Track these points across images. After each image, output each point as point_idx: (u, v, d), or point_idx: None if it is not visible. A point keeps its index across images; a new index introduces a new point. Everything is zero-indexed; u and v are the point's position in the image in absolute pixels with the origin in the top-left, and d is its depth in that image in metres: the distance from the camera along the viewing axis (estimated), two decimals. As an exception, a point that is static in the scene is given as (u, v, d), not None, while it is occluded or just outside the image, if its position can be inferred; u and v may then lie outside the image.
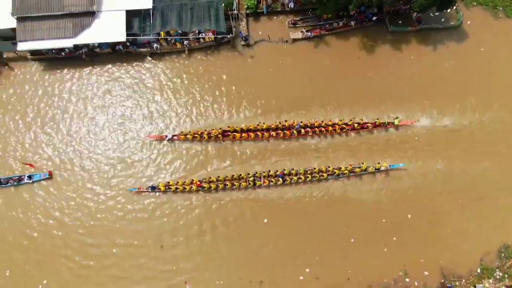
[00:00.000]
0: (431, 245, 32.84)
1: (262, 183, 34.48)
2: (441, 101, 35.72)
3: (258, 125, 35.92)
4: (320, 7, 38.13)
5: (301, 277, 31.75)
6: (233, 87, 37.03)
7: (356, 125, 35.56)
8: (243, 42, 39.12)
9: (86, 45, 38.03)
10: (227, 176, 34.94)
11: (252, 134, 35.86)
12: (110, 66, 38.82)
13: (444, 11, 38.03)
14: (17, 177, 35.69)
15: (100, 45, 38.17)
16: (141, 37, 37.87)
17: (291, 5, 40.07)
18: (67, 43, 37.34)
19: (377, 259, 32.35)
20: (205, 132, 35.83)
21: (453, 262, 32.73)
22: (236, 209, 33.73)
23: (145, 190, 35.03)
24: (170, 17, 37.73)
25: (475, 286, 31.92)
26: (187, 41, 38.34)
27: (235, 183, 34.55)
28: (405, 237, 32.70)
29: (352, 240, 32.48)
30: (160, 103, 37.50)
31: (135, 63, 38.81)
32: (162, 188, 34.71)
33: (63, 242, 33.73)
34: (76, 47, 38.13)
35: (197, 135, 36.02)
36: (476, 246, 33.04)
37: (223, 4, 38.42)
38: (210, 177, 34.77)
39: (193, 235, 33.22)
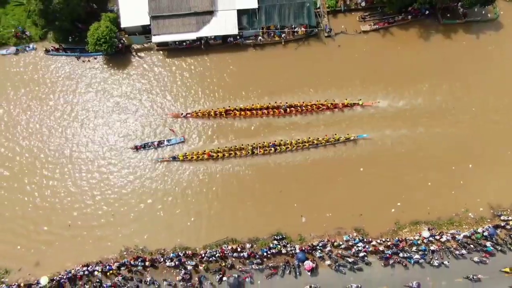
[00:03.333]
0: (484, 187, 42.98)
1: (258, 152, 43.97)
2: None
3: (253, 105, 45.19)
4: (388, 5, 48.25)
5: (393, 210, 41.97)
6: (327, 70, 46.92)
7: (330, 104, 45.11)
8: (326, 34, 49.02)
9: (203, 38, 47.64)
10: (231, 147, 44.35)
11: (248, 112, 45.32)
12: (222, 55, 48.43)
13: (486, 6, 48.20)
14: (157, 142, 45.42)
15: (215, 37, 47.79)
16: (250, 30, 47.56)
17: (363, 3, 50.07)
18: (191, 36, 47.01)
19: (447, 199, 42.25)
20: (212, 111, 45.21)
21: (499, 199, 42.80)
22: (337, 163, 43.95)
23: (168, 159, 44.30)
24: (272, 14, 47.61)
25: (518, 213, 42.20)
26: (284, 34, 48.16)
27: (237, 153, 43.99)
28: (469, 182, 42.66)
29: (429, 183, 42.65)
30: (264, 84, 47.20)
31: (242, 52, 48.43)
32: (181, 158, 43.95)
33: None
34: (194, 40, 47.76)
35: (205, 113, 45.39)
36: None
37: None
38: (218, 148, 44.26)
39: (308, 184, 43.08)
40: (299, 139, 44.30)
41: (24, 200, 43.84)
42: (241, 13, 47.33)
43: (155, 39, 46.99)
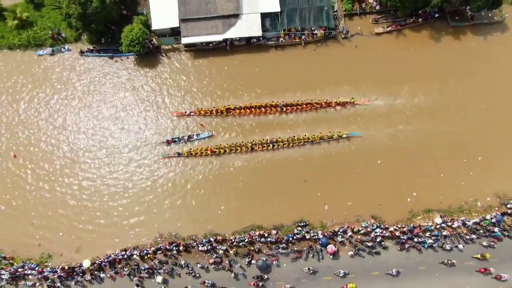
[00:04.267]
0: (492, 178, 46.21)
1: (257, 148, 47.34)
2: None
3: (251, 104, 48.44)
4: (401, 8, 51.53)
5: (408, 199, 45.34)
6: (345, 69, 50.34)
7: (323, 103, 48.49)
8: (343, 36, 52.35)
9: (229, 39, 50.89)
10: (232, 143, 47.67)
11: (248, 111, 48.63)
12: (246, 55, 51.72)
13: (493, 9, 51.50)
14: (187, 136, 48.70)
15: (239, 38, 51.05)
16: (272, 32, 50.88)
17: (377, 7, 53.43)
18: (218, 37, 50.32)
19: (458, 189, 45.58)
20: (214, 109, 48.62)
21: (506, 189, 46.04)
22: (357, 156, 47.29)
23: (173, 155, 47.60)
24: (294, 17, 50.93)
25: (524, 201, 45.62)
26: (304, 36, 51.49)
27: (238, 148, 47.36)
28: (478, 173, 45.99)
29: (442, 175, 46.03)
30: (286, 81, 50.55)
31: (265, 52, 51.73)
32: (185, 154, 47.27)
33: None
34: (220, 41, 51.03)
35: (208, 111, 48.73)
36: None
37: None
38: (220, 145, 47.70)
39: (332, 175, 46.57)
40: (294, 136, 47.67)
41: (65, 193, 47.38)
42: (264, 16, 50.61)
43: (184, 40, 50.30)
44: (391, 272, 42.35)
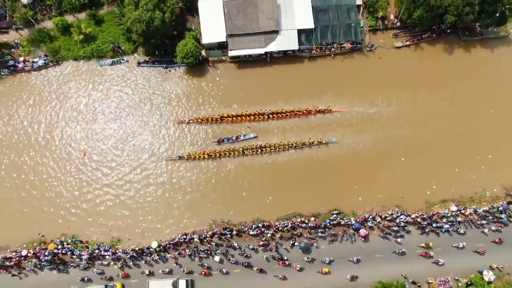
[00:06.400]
0: (499, 172, 53.71)
1: (247, 153, 54.32)
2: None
3: (242, 112, 55.30)
4: (419, 25, 59.01)
5: (428, 192, 52.93)
6: (370, 78, 57.98)
7: (304, 111, 55.59)
8: (367, 48, 59.84)
9: (269, 52, 58.32)
10: (226, 148, 54.66)
11: (239, 118, 55.80)
12: (283, 65, 59.20)
13: (500, 26, 59.03)
14: (235, 136, 56.11)
15: (278, 51, 58.47)
16: (306, 46, 58.34)
17: (398, 23, 60.91)
18: (261, 51, 57.80)
19: (469, 182, 53.15)
20: (209, 117, 55.72)
21: (510, 182, 53.73)
22: (384, 154, 54.81)
23: (175, 158, 54.76)
24: (326, 33, 58.43)
25: (528, 192, 53.27)
26: (334, 49, 58.96)
27: (231, 152, 54.26)
28: (487, 168, 53.55)
29: (456, 169, 53.60)
30: (319, 87, 58.13)
31: (299, 63, 59.26)
32: (186, 157, 54.30)
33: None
34: (261, 53, 58.45)
35: (204, 119, 55.84)
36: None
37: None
38: (215, 149, 54.71)
39: (363, 171, 54.00)
40: (281, 142, 54.90)
41: (131, 182, 55.29)
42: (300, 32, 58.12)
43: (231, 53, 57.74)
44: (351, 259, 49.56)
